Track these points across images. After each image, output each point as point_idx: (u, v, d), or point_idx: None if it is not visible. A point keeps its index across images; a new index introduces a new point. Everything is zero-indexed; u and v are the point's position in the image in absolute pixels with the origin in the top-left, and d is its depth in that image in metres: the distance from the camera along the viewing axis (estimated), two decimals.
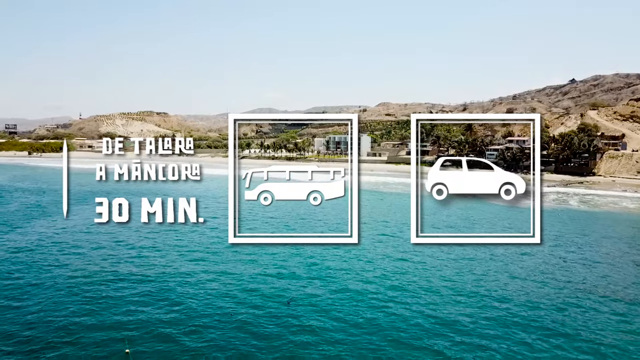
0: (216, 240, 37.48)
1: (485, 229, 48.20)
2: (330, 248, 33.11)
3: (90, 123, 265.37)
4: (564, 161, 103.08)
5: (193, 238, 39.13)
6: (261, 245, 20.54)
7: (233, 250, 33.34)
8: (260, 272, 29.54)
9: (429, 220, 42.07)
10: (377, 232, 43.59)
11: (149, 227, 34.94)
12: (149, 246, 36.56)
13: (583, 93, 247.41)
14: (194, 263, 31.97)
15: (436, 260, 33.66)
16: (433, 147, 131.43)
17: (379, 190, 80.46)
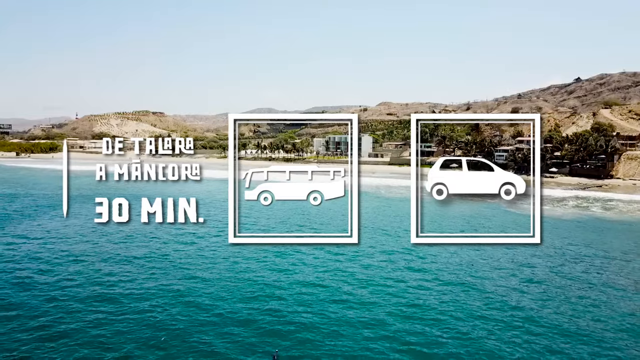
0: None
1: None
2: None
3: (84, 123, 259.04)
4: (579, 163, 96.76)
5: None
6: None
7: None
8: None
9: (435, 226, 40.56)
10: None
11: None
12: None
13: (589, 92, 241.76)
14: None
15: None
16: (438, 148, 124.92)
17: (380, 195, 74.10)
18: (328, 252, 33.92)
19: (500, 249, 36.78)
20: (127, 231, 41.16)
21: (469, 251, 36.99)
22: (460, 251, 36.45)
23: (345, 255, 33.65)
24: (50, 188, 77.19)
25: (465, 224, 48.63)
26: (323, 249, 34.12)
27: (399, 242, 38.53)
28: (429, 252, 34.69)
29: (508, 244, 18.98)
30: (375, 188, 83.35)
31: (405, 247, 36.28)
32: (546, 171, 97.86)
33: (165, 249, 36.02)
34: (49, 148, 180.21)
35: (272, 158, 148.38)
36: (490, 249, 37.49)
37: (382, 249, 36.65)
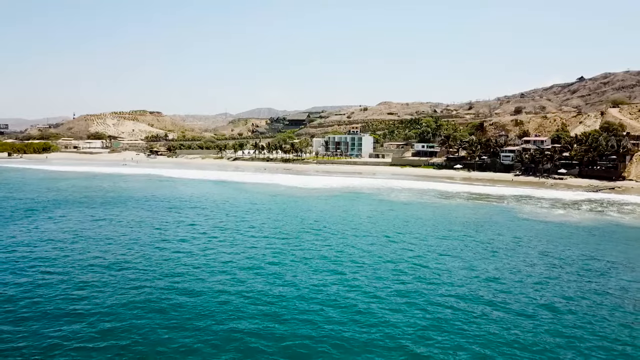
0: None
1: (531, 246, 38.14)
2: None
3: (80, 123, 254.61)
4: (588, 164, 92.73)
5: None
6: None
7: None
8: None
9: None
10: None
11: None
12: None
13: (593, 91, 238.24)
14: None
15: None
16: (441, 148, 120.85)
17: (383, 198, 70.19)
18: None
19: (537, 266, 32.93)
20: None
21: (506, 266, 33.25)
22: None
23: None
24: (37, 191, 73.28)
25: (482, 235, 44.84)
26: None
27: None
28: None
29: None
30: (376, 190, 79.43)
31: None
32: (555, 172, 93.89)
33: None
34: (42, 148, 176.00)
35: (270, 158, 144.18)
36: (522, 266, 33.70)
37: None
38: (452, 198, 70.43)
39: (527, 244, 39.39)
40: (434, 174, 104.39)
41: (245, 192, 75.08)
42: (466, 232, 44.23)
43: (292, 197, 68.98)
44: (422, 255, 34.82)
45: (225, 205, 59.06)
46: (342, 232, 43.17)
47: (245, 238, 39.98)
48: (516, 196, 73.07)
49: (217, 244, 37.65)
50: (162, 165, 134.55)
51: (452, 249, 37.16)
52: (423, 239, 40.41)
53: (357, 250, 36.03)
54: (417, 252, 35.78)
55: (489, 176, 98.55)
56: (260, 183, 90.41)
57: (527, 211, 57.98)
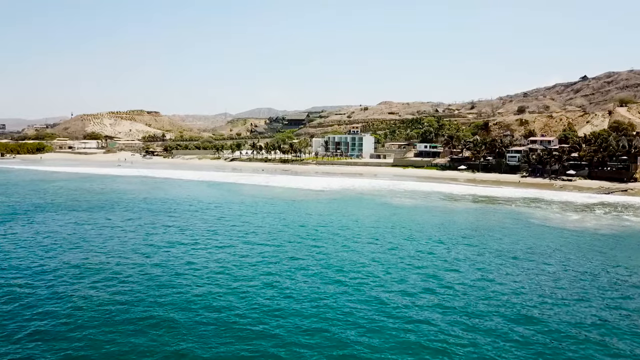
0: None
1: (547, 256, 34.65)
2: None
3: (76, 123, 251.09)
4: (598, 165, 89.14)
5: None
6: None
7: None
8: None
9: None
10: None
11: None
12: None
13: (597, 90, 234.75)
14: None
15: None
16: (445, 148, 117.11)
17: (386, 201, 66.64)
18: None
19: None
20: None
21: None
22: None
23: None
24: (22, 193, 69.83)
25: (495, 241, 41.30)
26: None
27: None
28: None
29: None
30: (378, 193, 75.88)
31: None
32: (563, 173, 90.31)
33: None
34: (36, 149, 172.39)
35: (268, 159, 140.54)
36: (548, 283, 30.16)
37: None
38: (458, 201, 66.93)
39: (546, 255, 35.82)
40: (438, 175, 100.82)
41: (240, 194, 71.56)
42: (477, 240, 40.69)
43: (290, 200, 65.49)
44: (431, 268, 31.27)
45: (217, 210, 55.55)
46: (343, 241, 39.65)
47: (237, 246, 36.45)
48: (525, 199, 69.59)
49: (204, 252, 34.13)
50: (157, 166, 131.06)
51: (464, 259, 33.62)
52: (431, 249, 36.87)
53: (360, 262, 32.49)
54: (426, 263, 32.23)
55: (494, 177, 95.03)
56: (256, 185, 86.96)
57: (540, 216, 54.42)
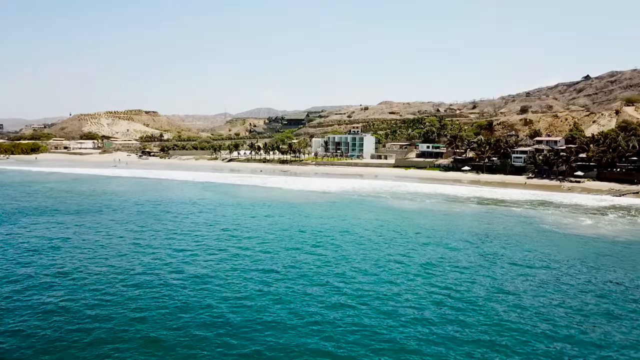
0: None
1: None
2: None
3: (73, 122, 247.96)
4: (607, 166, 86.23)
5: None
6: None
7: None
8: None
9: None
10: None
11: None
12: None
13: (600, 90, 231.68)
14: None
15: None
16: (448, 149, 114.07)
17: (386, 205, 63.65)
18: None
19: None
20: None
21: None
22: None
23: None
24: (9, 195, 66.91)
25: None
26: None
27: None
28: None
29: None
30: (377, 197, 72.89)
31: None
32: (571, 175, 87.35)
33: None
34: (31, 149, 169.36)
35: (267, 160, 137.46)
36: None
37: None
38: (463, 204, 63.98)
39: (564, 265, 32.86)
40: (441, 176, 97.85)
41: (236, 197, 68.59)
42: (488, 247, 37.73)
43: (288, 203, 62.57)
44: (443, 280, 28.30)
45: (210, 214, 52.60)
46: (344, 249, 36.72)
47: (228, 253, 33.48)
48: (532, 201, 66.69)
49: (192, 260, 31.17)
50: (152, 167, 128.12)
51: (477, 270, 30.67)
52: (440, 259, 33.88)
53: (364, 274, 29.53)
54: (437, 275, 29.26)
55: (499, 179, 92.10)
56: (254, 186, 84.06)
57: (551, 221, 51.44)
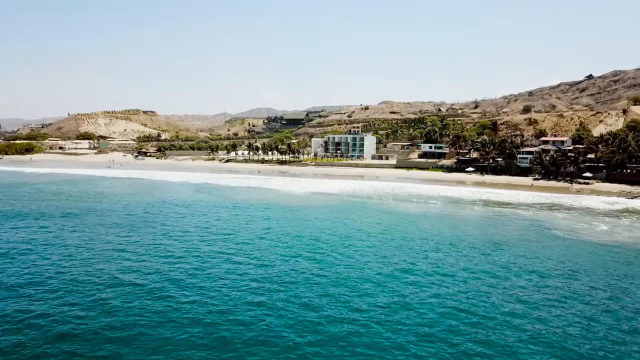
0: None
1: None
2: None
3: (70, 122, 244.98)
4: (617, 167, 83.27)
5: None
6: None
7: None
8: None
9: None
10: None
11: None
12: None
13: (603, 89, 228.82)
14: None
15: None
16: (451, 149, 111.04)
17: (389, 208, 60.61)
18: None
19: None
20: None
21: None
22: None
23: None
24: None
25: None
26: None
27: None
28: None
29: None
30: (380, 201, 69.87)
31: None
32: (579, 176, 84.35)
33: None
34: (25, 149, 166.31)
35: (265, 160, 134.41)
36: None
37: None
38: (469, 207, 61.00)
39: (586, 276, 29.88)
40: (444, 178, 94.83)
41: (231, 199, 65.54)
42: (500, 257, 34.76)
43: (286, 206, 59.60)
44: (456, 295, 25.31)
45: (202, 218, 49.64)
46: (345, 257, 33.76)
47: (219, 262, 30.49)
48: (541, 204, 63.76)
49: (178, 268, 28.17)
50: (147, 168, 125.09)
51: (493, 283, 27.69)
52: (450, 271, 30.86)
53: (368, 286, 26.57)
54: (448, 289, 26.26)
55: (505, 180, 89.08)
56: (251, 188, 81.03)
57: (563, 226, 48.42)
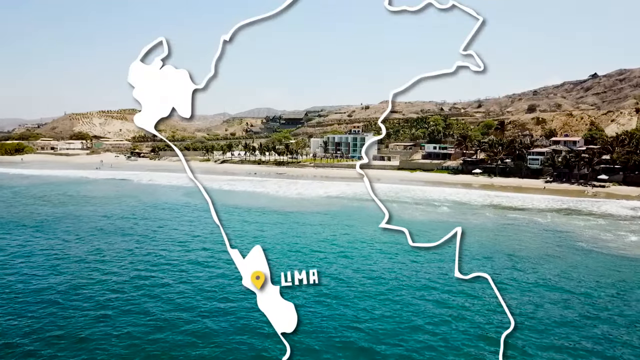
0: None
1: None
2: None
3: (64, 122, 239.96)
4: (634, 169, 78.46)
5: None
6: None
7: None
8: None
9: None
10: None
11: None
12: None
13: (609, 88, 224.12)
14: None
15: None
16: (456, 150, 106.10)
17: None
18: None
19: None
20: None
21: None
22: None
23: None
24: None
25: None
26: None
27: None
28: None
29: None
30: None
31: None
32: (593, 178, 79.53)
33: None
34: (15, 149, 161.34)
35: (262, 161, 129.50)
36: None
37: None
38: (479, 213, 56.18)
39: (630, 302, 24.95)
40: (450, 180, 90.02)
41: (223, 204, 60.47)
42: (524, 275, 29.85)
43: (281, 212, 54.89)
44: (480, 323, 20.34)
45: (188, 226, 44.78)
46: (346, 274, 28.87)
47: (201, 275, 25.62)
48: (557, 210, 59.07)
49: (154, 284, 23.34)
50: (139, 169, 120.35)
51: (529, 310, 22.71)
52: (470, 293, 25.86)
53: (377, 314, 21.61)
54: (471, 315, 21.28)
55: (515, 183, 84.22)
56: (245, 191, 76.40)
57: (588, 237, 43.52)
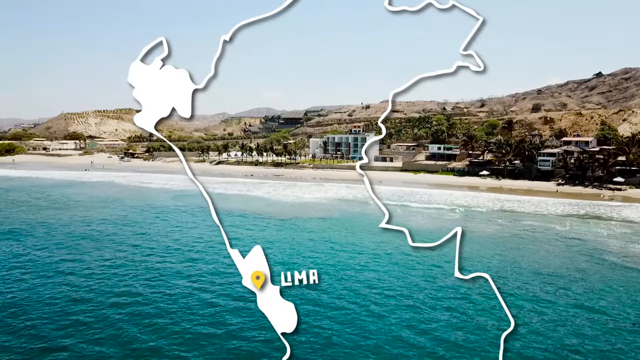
0: None
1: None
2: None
3: (59, 122, 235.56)
4: None
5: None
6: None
7: None
8: None
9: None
10: None
11: None
12: None
13: (614, 87, 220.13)
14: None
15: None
16: (462, 150, 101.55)
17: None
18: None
19: None
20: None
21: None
22: None
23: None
24: None
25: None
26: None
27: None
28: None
29: None
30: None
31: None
32: (609, 181, 75.10)
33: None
34: (5, 150, 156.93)
35: (259, 162, 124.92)
36: None
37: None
38: (492, 220, 51.70)
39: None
40: (456, 182, 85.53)
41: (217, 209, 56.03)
42: (554, 299, 25.40)
43: (277, 219, 50.56)
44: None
45: (176, 234, 40.42)
46: (347, 294, 24.51)
47: (184, 292, 21.30)
48: (575, 216, 54.77)
49: (132, 304, 19.01)
50: (131, 170, 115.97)
51: (563, 344, 18.27)
52: (488, 318, 21.36)
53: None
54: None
55: (525, 185, 79.79)
56: (240, 195, 71.89)
57: (615, 248, 39.15)
